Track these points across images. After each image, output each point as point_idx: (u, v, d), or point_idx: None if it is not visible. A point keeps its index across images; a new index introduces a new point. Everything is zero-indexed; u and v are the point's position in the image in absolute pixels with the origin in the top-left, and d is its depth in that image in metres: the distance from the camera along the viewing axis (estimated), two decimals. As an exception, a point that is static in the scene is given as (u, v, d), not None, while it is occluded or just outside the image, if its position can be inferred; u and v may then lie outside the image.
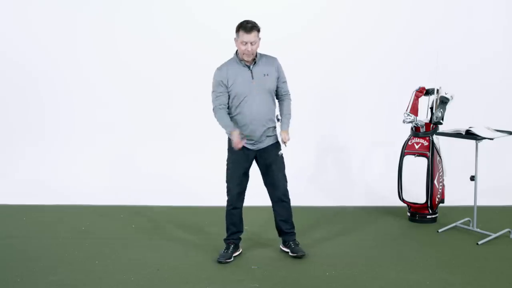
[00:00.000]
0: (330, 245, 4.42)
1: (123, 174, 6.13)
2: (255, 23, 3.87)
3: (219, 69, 3.99)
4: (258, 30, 3.87)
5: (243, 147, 3.97)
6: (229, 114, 3.99)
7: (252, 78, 3.93)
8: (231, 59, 4.01)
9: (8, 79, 6.43)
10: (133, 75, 6.30)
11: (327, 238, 4.58)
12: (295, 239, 4.22)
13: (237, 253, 4.21)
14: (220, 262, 4.07)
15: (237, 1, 6.24)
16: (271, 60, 4.04)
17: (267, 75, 3.97)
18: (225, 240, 4.22)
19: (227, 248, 4.17)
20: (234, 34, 3.92)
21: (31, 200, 5.73)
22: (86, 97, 6.40)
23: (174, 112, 6.31)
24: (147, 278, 3.82)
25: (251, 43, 3.83)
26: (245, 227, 4.77)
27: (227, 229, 4.21)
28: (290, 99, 4.13)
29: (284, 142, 3.98)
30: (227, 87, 3.94)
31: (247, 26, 3.82)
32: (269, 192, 4.18)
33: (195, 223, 5.00)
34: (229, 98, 3.98)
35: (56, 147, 6.38)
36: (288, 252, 4.20)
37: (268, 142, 4.07)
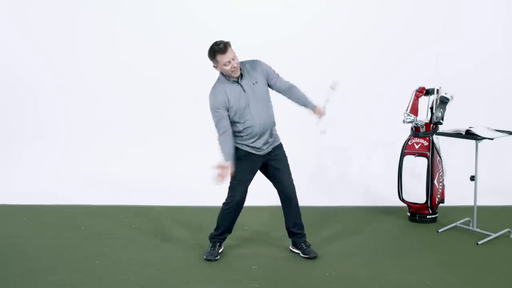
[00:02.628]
0: (330, 245, 4.42)
1: (123, 174, 6.13)
2: (223, 41, 3.87)
3: (213, 94, 3.93)
4: (230, 45, 3.88)
5: (251, 153, 4.01)
6: (237, 131, 3.98)
7: (244, 91, 3.93)
8: (220, 80, 3.98)
9: (7, 79, 6.43)
10: (133, 75, 6.30)
11: (327, 238, 4.58)
12: (305, 241, 4.22)
13: (221, 250, 4.24)
14: (209, 260, 4.10)
15: (238, 1, 6.24)
16: (254, 65, 3.97)
17: (256, 83, 3.95)
18: (212, 238, 4.23)
19: (213, 246, 4.20)
20: (214, 58, 3.90)
21: (31, 200, 5.73)
22: (86, 97, 6.40)
23: (175, 112, 6.31)
24: (147, 278, 3.82)
25: (232, 59, 3.83)
26: (245, 227, 4.79)
27: (218, 228, 4.21)
28: (295, 86, 4.13)
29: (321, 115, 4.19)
30: (227, 108, 3.91)
31: (220, 48, 3.81)
32: (279, 194, 4.19)
33: (195, 223, 5.00)
34: (229, 118, 3.95)
35: (56, 147, 6.38)
36: (299, 253, 4.20)
37: (273, 145, 4.09)
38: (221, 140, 3.94)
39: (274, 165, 4.10)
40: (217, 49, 3.82)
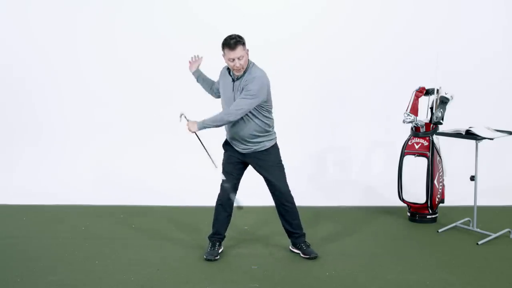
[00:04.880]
0: (330, 245, 4.42)
1: (123, 174, 6.13)
2: (238, 37, 3.83)
3: (221, 71, 4.13)
4: (243, 44, 3.84)
5: (231, 146, 4.10)
6: None
7: (232, 90, 3.96)
8: (225, 67, 4.07)
9: (7, 79, 6.42)
10: (133, 75, 6.30)
11: (327, 238, 4.58)
12: (305, 241, 4.22)
13: (221, 249, 4.24)
14: (209, 260, 4.10)
15: (238, 1, 6.24)
16: (252, 77, 3.85)
17: (241, 91, 3.89)
18: (210, 237, 4.24)
19: (213, 245, 4.20)
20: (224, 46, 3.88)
21: (31, 200, 5.73)
22: (86, 97, 6.40)
23: (174, 112, 6.29)
24: (147, 278, 3.82)
25: (238, 58, 3.82)
26: (245, 227, 4.79)
27: (213, 225, 4.23)
28: (227, 112, 3.88)
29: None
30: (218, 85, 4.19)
31: (231, 43, 3.80)
32: (272, 197, 4.19)
33: (195, 223, 5.00)
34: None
35: (56, 147, 6.38)
36: (299, 253, 4.21)
37: (251, 150, 4.04)
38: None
39: (261, 171, 4.10)
40: (227, 43, 3.83)
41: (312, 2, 6.23)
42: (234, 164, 4.13)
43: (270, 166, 4.07)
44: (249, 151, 4.05)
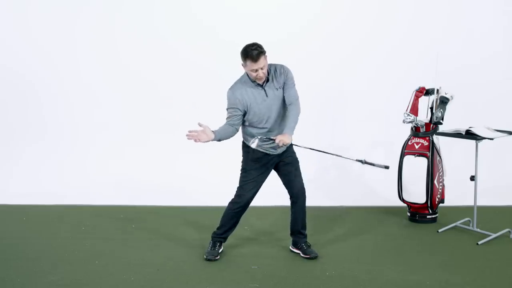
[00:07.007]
0: (330, 245, 4.42)
1: (123, 174, 6.13)
2: (259, 48, 3.76)
3: (232, 91, 3.89)
4: (264, 53, 3.78)
5: (266, 154, 4.00)
6: (256, 133, 3.95)
7: (267, 96, 3.90)
8: (243, 79, 3.93)
9: (7, 79, 6.42)
10: (132, 76, 6.30)
11: (327, 238, 4.58)
12: (306, 241, 4.23)
13: (221, 250, 4.24)
14: (209, 260, 4.10)
15: (237, 1, 6.24)
16: (280, 70, 3.93)
17: (279, 88, 3.92)
18: (214, 237, 4.23)
19: (214, 245, 4.20)
20: (240, 60, 3.81)
21: (31, 200, 5.73)
22: (86, 97, 6.40)
23: (174, 112, 6.31)
24: (147, 278, 3.82)
25: (261, 68, 3.77)
26: (245, 227, 4.79)
27: (221, 227, 4.20)
28: (296, 107, 3.91)
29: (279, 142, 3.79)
30: (241, 110, 3.88)
31: (253, 55, 3.70)
32: (288, 193, 4.19)
33: (195, 223, 5.00)
34: (243, 118, 3.94)
35: (56, 147, 6.38)
36: (299, 253, 4.21)
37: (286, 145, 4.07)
38: (223, 125, 3.91)
39: (285, 165, 4.10)
40: (249, 55, 3.72)
41: (310, 2, 6.23)
42: (266, 174, 4.12)
43: (295, 159, 4.17)
44: (286, 147, 4.04)
